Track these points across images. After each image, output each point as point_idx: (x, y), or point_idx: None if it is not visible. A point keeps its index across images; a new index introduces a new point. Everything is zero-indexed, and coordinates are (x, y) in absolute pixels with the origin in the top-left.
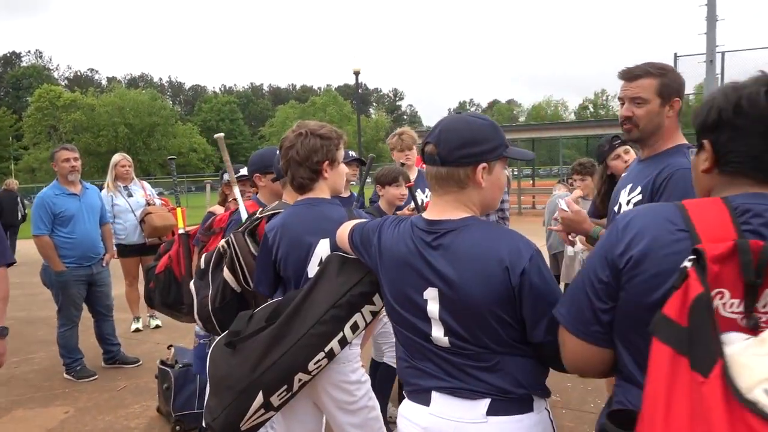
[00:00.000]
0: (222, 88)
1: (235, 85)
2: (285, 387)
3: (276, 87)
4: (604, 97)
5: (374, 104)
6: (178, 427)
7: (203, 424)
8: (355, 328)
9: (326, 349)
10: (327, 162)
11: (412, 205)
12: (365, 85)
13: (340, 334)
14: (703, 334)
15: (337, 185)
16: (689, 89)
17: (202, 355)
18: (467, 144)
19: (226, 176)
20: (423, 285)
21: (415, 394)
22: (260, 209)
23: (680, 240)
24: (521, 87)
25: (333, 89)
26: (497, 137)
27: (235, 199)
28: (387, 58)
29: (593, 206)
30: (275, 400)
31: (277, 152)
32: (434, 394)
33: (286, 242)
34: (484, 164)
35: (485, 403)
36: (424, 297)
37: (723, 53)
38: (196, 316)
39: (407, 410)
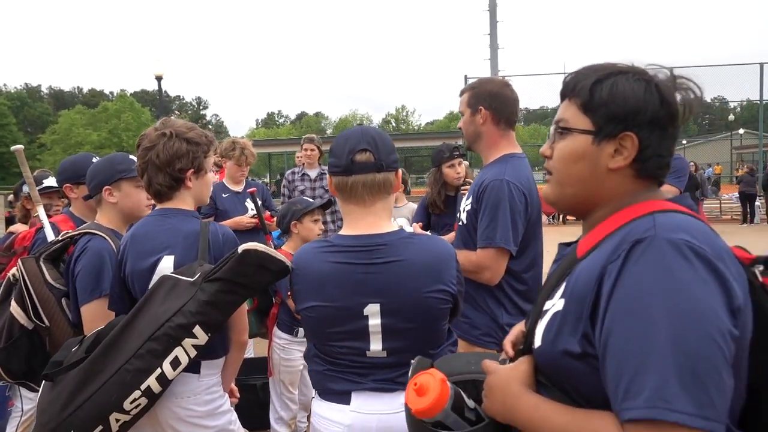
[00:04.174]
0: None
1: (5, 85)
2: (100, 428)
3: (58, 89)
4: (404, 113)
5: (176, 113)
6: None
7: None
8: (176, 364)
9: (142, 388)
10: (192, 171)
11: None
12: (166, 92)
13: (158, 371)
14: None
15: (203, 196)
16: None
17: (1, 398)
18: (392, 150)
19: (26, 188)
20: (362, 303)
21: (332, 395)
22: (65, 231)
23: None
24: (328, 101)
25: (128, 94)
26: None
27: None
28: (189, 65)
29: (422, 207)
30: None
31: (93, 161)
32: (353, 394)
33: (132, 258)
34: (400, 170)
35: (403, 394)
36: (365, 313)
37: (504, 77)
38: None
39: (325, 411)
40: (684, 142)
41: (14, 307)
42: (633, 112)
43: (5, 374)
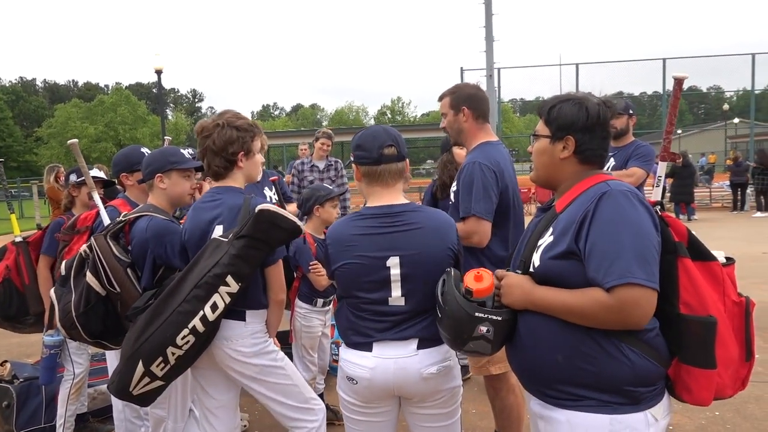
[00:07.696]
0: None
1: None
2: (161, 359)
3: (53, 83)
4: (400, 104)
5: (172, 105)
6: None
7: None
8: (214, 308)
9: (190, 326)
10: (242, 153)
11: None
12: (161, 84)
13: (201, 313)
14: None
15: (253, 174)
16: None
17: (52, 365)
18: (404, 143)
19: (72, 177)
20: (385, 256)
21: (355, 345)
22: (124, 213)
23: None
24: (323, 93)
25: (124, 88)
26: None
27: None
28: (184, 58)
29: (429, 193)
30: (156, 370)
31: (144, 152)
32: (375, 344)
33: (190, 228)
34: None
35: (415, 342)
36: (387, 265)
37: (499, 69)
38: (58, 324)
39: (351, 356)
40: (679, 131)
41: (90, 278)
42: (570, 123)
43: (85, 335)
